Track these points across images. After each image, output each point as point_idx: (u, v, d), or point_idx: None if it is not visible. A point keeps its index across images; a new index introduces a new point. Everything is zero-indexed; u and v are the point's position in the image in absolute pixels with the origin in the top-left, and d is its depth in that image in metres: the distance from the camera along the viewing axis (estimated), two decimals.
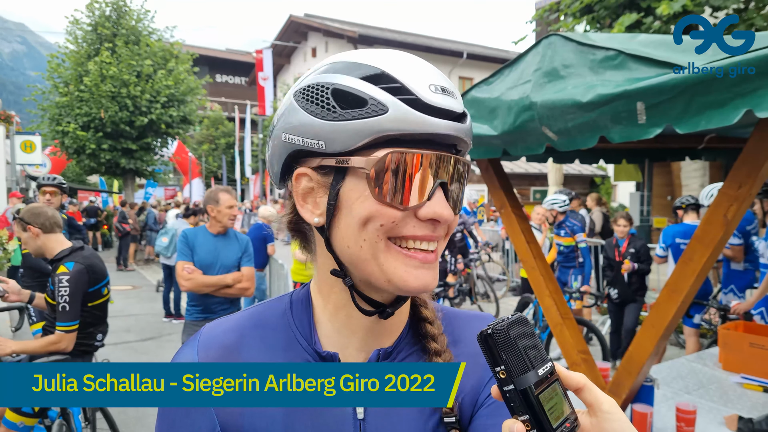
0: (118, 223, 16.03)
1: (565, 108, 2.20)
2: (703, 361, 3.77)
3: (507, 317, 0.65)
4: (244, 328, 0.85)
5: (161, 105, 20.38)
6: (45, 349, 3.16)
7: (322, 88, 0.72)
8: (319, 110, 0.72)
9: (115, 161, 20.71)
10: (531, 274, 3.38)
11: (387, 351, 0.83)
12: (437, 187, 0.72)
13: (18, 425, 3.19)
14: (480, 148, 2.84)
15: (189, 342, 0.85)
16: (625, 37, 2.45)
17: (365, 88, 0.70)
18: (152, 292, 11.72)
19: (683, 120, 1.86)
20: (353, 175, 0.73)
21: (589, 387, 0.68)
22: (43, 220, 3.25)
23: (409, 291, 0.74)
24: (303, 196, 0.79)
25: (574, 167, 21.41)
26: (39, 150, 15.85)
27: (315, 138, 0.72)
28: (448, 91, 0.73)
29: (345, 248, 0.75)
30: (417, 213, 0.72)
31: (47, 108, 20.51)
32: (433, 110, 0.70)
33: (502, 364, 0.62)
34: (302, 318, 0.85)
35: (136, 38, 21.06)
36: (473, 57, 30.94)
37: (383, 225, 0.72)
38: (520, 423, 0.62)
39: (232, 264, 4.12)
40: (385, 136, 0.70)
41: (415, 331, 0.88)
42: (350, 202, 0.73)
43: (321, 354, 0.81)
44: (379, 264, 0.73)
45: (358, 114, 0.69)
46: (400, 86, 0.70)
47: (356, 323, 0.82)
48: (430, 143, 0.72)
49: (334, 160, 0.73)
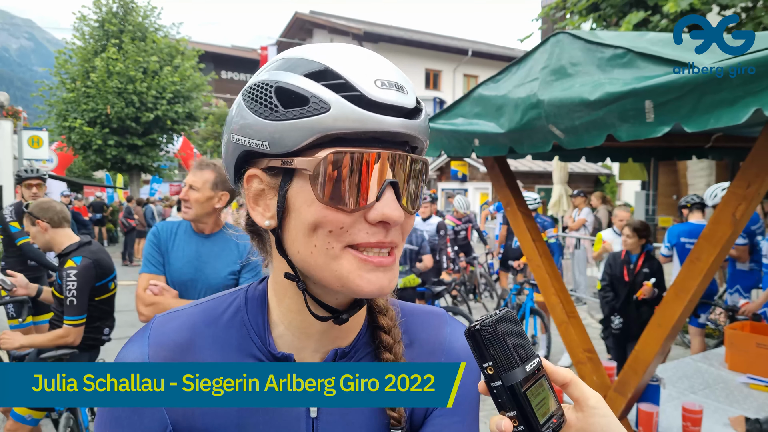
0: (123, 218, 16.10)
1: (573, 106, 2.19)
2: (709, 361, 3.74)
3: (495, 313, 0.64)
4: (197, 325, 0.81)
5: (167, 101, 20.44)
6: (53, 342, 3.17)
7: (266, 87, 0.70)
8: (262, 109, 0.69)
9: (120, 157, 20.79)
10: (536, 272, 3.36)
11: (344, 351, 0.81)
12: (387, 188, 0.69)
13: (26, 418, 3.22)
14: (486, 145, 2.83)
15: (138, 337, 0.80)
16: (634, 35, 2.43)
17: (307, 86, 0.67)
18: None
19: (692, 118, 1.84)
20: (300, 177, 0.70)
21: (575, 382, 0.67)
22: (51, 215, 3.27)
23: (363, 295, 0.71)
24: (254, 198, 0.76)
25: (579, 165, 21.34)
26: (46, 145, 15.89)
27: (259, 139, 0.70)
28: (397, 86, 0.69)
29: (296, 253, 0.73)
30: (366, 216, 0.69)
31: (54, 104, 20.61)
32: (380, 107, 0.67)
33: (489, 360, 0.62)
34: (257, 317, 0.82)
35: (142, 34, 21.12)
36: (478, 54, 30.83)
37: (332, 231, 0.69)
38: (507, 419, 0.62)
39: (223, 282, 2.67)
40: (330, 135, 0.67)
41: (372, 331, 0.85)
42: (298, 206, 0.70)
43: (275, 355, 0.79)
44: (332, 270, 0.70)
45: (299, 113, 0.67)
46: (344, 82, 0.67)
47: (311, 327, 0.79)
48: (378, 141, 0.69)
49: (279, 161, 0.70)
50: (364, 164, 0.67)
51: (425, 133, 0.74)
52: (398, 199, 0.70)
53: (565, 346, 3.22)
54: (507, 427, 0.61)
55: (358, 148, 0.67)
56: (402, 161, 0.70)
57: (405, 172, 0.71)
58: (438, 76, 31.26)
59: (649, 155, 4.60)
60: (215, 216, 2.73)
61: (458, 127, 2.97)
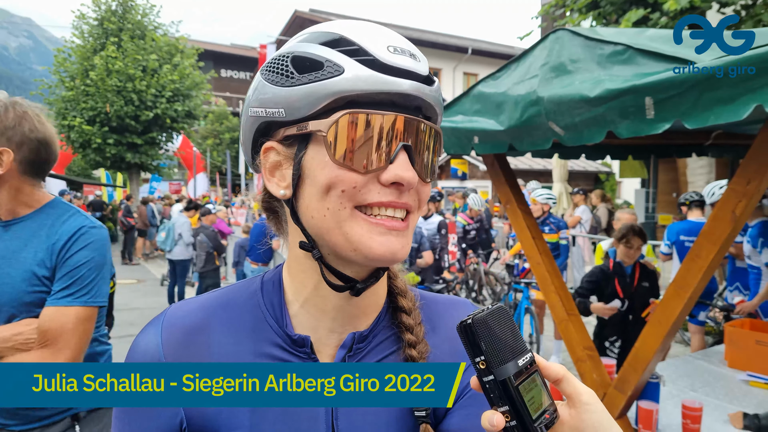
0: (122, 217, 16.10)
1: (573, 103, 2.18)
2: (709, 358, 3.75)
3: (487, 307, 0.64)
4: (211, 308, 0.81)
5: (166, 99, 20.43)
6: None
7: (283, 58, 0.72)
8: (278, 78, 0.72)
9: (120, 155, 20.78)
10: (536, 269, 3.36)
11: (363, 334, 0.81)
12: (400, 150, 0.70)
13: None
14: (486, 143, 2.82)
15: (153, 322, 0.81)
16: (634, 31, 2.43)
17: (322, 52, 0.69)
18: (157, 286, 11.76)
19: (692, 115, 1.84)
20: (315, 143, 0.71)
21: (568, 378, 0.67)
22: None
23: (375, 258, 0.70)
24: (270, 170, 0.77)
25: (579, 163, 21.33)
26: None
27: (274, 106, 0.72)
28: (410, 53, 0.71)
29: (310, 219, 0.73)
30: (379, 177, 0.70)
31: (53, 102, 20.59)
32: (393, 70, 0.69)
33: (481, 354, 0.61)
34: (272, 299, 0.82)
35: (141, 33, 21.10)
36: (478, 53, 30.80)
37: (345, 191, 0.69)
38: (499, 414, 0.61)
39: (20, 298, 1.67)
40: (344, 98, 0.68)
41: (394, 315, 0.85)
42: (313, 170, 0.71)
43: (292, 337, 0.78)
44: (344, 233, 0.70)
45: (314, 77, 0.68)
46: (358, 48, 0.69)
47: (327, 302, 0.79)
48: (393, 105, 0.70)
49: (295, 127, 0.72)
50: (379, 126, 0.68)
51: (439, 104, 0.75)
52: (412, 162, 0.71)
53: (565, 344, 3.22)
54: (499, 422, 0.61)
55: (373, 110, 0.69)
56: (415, 126, 0.71)
57: (419, 137, 0.72)
58: (438, 75, 31.24)
59: (649, 153, 4.60)
60: (8, 192, 1.74)
61: (458, 125, 2.96)
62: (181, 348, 0.77)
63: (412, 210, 0.74)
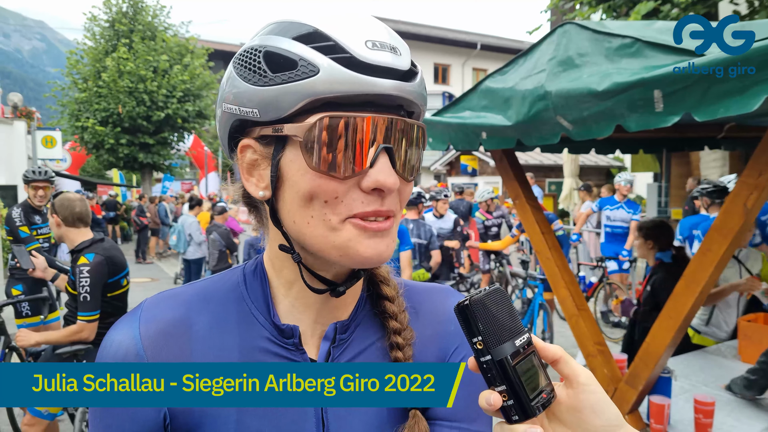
0: (136, 216, 16.25)
1: (581, 97, 2.16)
2: (722, 353, 3.71)
3: (485, 288, 0.64)
4: (191, 302, 0.79)
5: (177, 100, 20.58)
6: (68, 338, 3.23)
7: (255, 52, 0.68)
8: (251, 75, 0.68)
9: (132, 156, 20.98)
10: (546, 264, 3.35)
11: (344, 324, 0.80)
12: (381, 153, 0.67)
13: (43, 413, 3.28)
14: (494, 138, 2.81)
15: (128, 317, 0.77)
16: (641, 24, 2.41)
17: (295, 49, 0.65)
18: (170, 284, 11.86)
19: (701, 108, 1.82)
20: (292, 145, 0.68)
21: (565, 359, 0.66)
22: (66, 214, 3.31)
23: (363, 262, 0.70)
24: (248, 168, 0.74)
25: (590, 158, 21.16)
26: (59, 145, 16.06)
27: (249, 106, 0.68)
28: (390, 47, 0.67)
29: (291, 223, 0.71)
30: (360, 184, 0.67)
31: (66, 104, 20.84)
32: (372, 69, 0.65)
33: (479, 335, 0.62)
34: (257, 291, 0.80)
35: (152, 34, 21.26)
36: (487, 48, 30.67)
37: (327, 202, 0.67)
38: (496, 393, 0.62)
39: None
40: (320, 100, 0.65)
41: (373, 301, 0.84)
42: (291, 175, 0.69)
43: (280, 327, 0.77)
44: (330, 240, 0.69)
45: (287, 77, 0.65)
46: (334, 44, 0.65)
47: (309, 299, 0.79)
48: (371, 105, 0.67)
49: (270, 128, 0.69)
50: (357, 129, 0.65)
51: (421, 98, 0.72)
52: (393, 165, 0.68)
53: (576, 339, 3.20)
54: (496, 401, 0.61)
55: (350, 112, 0.65)
56: (396, 126, 0.68)
57: (400, 137, 0.69)
58: (447, 71, 31.09)
59: (661, 146, 4.55)
60: None
61: (465, 121, 2.95)
62: (162, 341, 0.75)
63: (394, 215, 0.72)
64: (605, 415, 0.64)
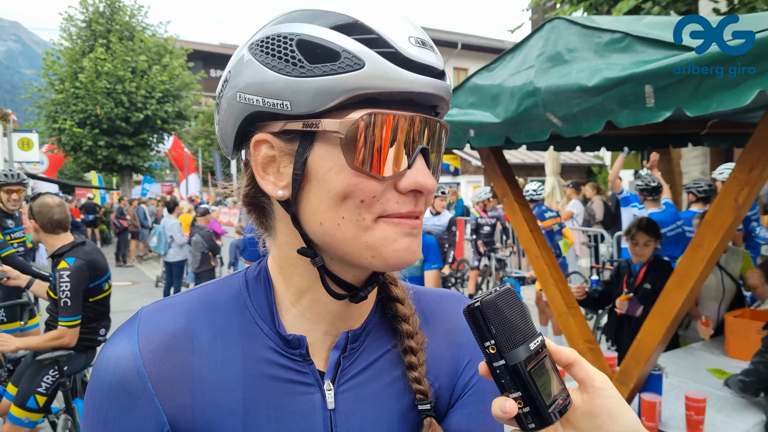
0: (115, 219, 16.01)
1: (570, 93, 2.14)
2: (710, 349, 3.73)
3: (494, 289, 0.61)
4: (192, 311, 0.74)
5: (156, 101, 20.34)
6: (48, 344, 3.14)
7: (285, 40, 0.63)
8: (282, 65, 0.62)
9: (111, 157, 20.66)
10: (535, 262, 3.33)
11: (356, 333, 0.76)
12: (418, 154, 0.65)
13: (23, 420, 3.19)
14: (482, 136, 2.78)
15: (125, 329, 0.72)
16: (631, 19, 2.40)
17: (337, 39, 0.61)
18: (151, 287, 11.69)
19: (693, 102, 1.80)
20: (323, 141, 0.64)
21: (580, 362, 0.64)
22: (44, 221, 3.22)
23: (396, 263, 0.66)
24: (263, 165, 0.69)
25: (572, 156, 21.36)
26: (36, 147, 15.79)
27: (278, 97, 0.63)
28: (428, 45, 0.65)
29: (317, 225, 0.66)
30: (397, 184, 0.65)
31: (43, 105, 20.47)
32: (414, 66, 0.62)
33: (491, 338, 0.59)
34: (260, 299, 0.75)
35: (130, 34, 20.99)
36: (468, 47, 30.75)
37: (363, 201, 0.63)
38: (511, 400, 0.59)
39: None
40: (361, 95, 0.61)
41: (384, 310, 0.80)
42: (322, 173, 0.64)
43: (286, 338, 0.72)
44: (363, 241, 0.65)
45: (329, 69, 0.60)
46: (377, 38, 0.61)
47: (323, 308, 0.74)
48: (410, 104, 0.64)
49: (300, 123, 0.63)
50: (399, 128, 0.63)
51: (450, 97, 0.70)
52: (428, 166, 0.66)
53: (565, 337, 3.19)
54: (512, 408, 0.58)
55: (393, 110, 0.62)
56: (431, 126, 0.66)
57: (433, 137, 0.67)
58: None
59: (645, 143, 4.57)
60: None
61: (452, 118, 2.92)
62: (163, 355, 0.70)
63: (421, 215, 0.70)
64: (623, 420, 0.61)
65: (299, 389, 0.72)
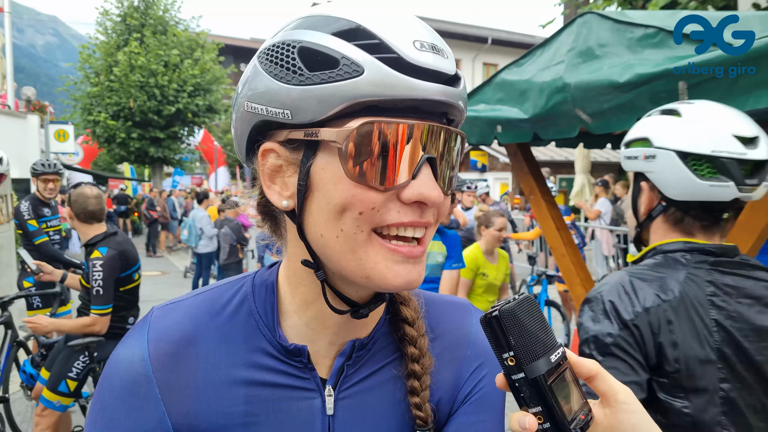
0: (146, 210, 16.34)
1: (601, 89, 2.11)
2: None
3: (513, 298, 0.59)
4: (199, 316, 0.74)
5: (188, 94, 20.67)
6: (80, 330, 3.24)
7: (288, 47, 0.61)
8: (284, 73, 0.61)
9: (143, 150, 21.11)
10: (561, 261, 3.29)
11: (363, 342, 0.74)
12: (424, 164, 0.62)
13: (55, 404, 3.29)
14: (509, 132, 2.76)
15: (135, 332, 0.74)
16: (665, 13, 2.34)
17: (337, 46, 0.59)
18: (180, 278, 11.92)
19: (729, 100, 1.76)
20: (325, 151, 0.62)
21: (602, 375, 0.62)
22: (79, 210, 3.31)
23: (389, 289, 0.64)
24: (270, 175, 0.68)
25: (602, 154, 20.97)
26: (72, 139, 16.15)
27: (280, 106, 0.62)
28: (437, 48, 0.62)
29: (318, 237, 0.65)
30: (400, 195, 0.62)
31: (79, 98, 21.02)
32: (420, 71, 0.59)
33: (510, 350, 0.56)
34: (266, 306, 0.75)
35: (163, 28, 21.36)
36: (498, 42, 30.49)
37: (362, 213, 0.61)
38: (531, 416, 0.57)
39: None
40: (362, 103, 0.59)
41: (393, 323, 0.79)
42: (323, 184, 0.62)
43: (287, 347, 0.72)
44: (357, 258, 0.63)
45: (327, 77, 0.58)
46: (379, 43, 0.59)
47: (329, 319, 0.73)
48: (416, 111, 0.61)
49: (302, 132, 0.62)
50: (401, 137, 0.60)
51: (465, 103, 0.67)
52: (435, 176, 0.63)
53: None
54: (531, 424, 0.56)
55: (394, 118, 0.60)
56: (440, 135, 0.63)
57: (443, 147, 0.63)
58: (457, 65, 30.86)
59: None
60: None
61: (480, 114, 2.90)
62: (171, 361, 0.71)
63: (431, 226, 0.66)
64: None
65: (299, 395, 0.72)
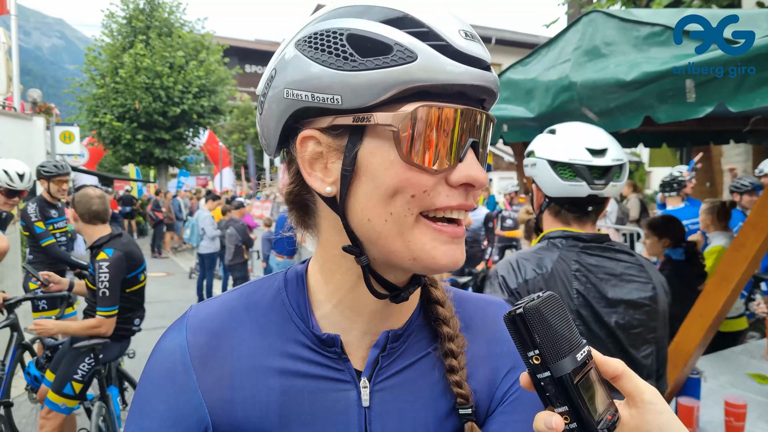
0: (151, 211, 16.39)
1: (608, 87, 2.10)
2: (751, 353, 3.61)
3: (537, 295, 0.58)
4: (235, 310, 0.77)
5: (193, 95, 20.73)
6: (86, 331, 3.23)
7: (335, 34, 0.62)
8: (333, 59, 0.61)
9: (149, 151, 21.19)
10: None
11: (397, 333, 0.75)
12: (469, 148, 0.64)
13: (60, 406, 3.29)
14: (515, 130, 2.75)
15: (176, 325, 0.77)
16: (672, 11, 2.33)
17: (388, 33, 0.60)
18: (185, 279, 11.94)
19: (736, 98, 1.75)
20: (373, 135, 0.63)
21: (628, 374, 0.61)
22: (83, 211, 3.31)
23: (436, 269, 0.66)
24: (310, 162, 0.68)
25: None
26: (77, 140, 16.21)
27: (328, 92, 0.62)
28: (476, 38, 0.64)
29: (364, 222, 0.65)
30: (448, 178, 0.64)
31: (85, 100, 21.10)
32: (465, 58, 0.61)
33: (535, 348, 0.56)
34: (298, 298, 0.76)
35: (168, 30, 21.43)
36: (502, 42, 30.38)
37: (414, 196, 0.63)
38: (557, 416, 0.56)
39: None
40: (414, 88, 0.60)
41: (426, 313, 0.80)
42: (372, 168, 0.63)
43: (321, 337, 0.73)
44: (405, 240, 0.64)
45: (381, 62, 0.59)
46: (428, 31, 0.61)
47: (363, 305, 0.74)
48: (461, 96, 0.63)
49: (351, 117, 0.63)
50: (451, 121, 0.62)
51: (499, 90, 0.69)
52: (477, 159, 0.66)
53: None
54: (558, 424, 0.55)
55: (445, 102, 0.62)
56: (481, 119, 0.66)
57: (483, 131, 0.66)
58: None
59: (685, 140, 4.44)
60: None
61: None
62: (208, 350, 0.74)
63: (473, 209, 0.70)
64: None
65: (334, 386, 0.72)
